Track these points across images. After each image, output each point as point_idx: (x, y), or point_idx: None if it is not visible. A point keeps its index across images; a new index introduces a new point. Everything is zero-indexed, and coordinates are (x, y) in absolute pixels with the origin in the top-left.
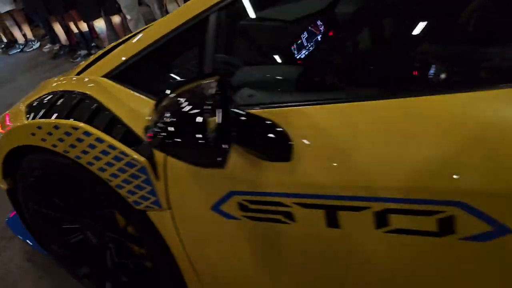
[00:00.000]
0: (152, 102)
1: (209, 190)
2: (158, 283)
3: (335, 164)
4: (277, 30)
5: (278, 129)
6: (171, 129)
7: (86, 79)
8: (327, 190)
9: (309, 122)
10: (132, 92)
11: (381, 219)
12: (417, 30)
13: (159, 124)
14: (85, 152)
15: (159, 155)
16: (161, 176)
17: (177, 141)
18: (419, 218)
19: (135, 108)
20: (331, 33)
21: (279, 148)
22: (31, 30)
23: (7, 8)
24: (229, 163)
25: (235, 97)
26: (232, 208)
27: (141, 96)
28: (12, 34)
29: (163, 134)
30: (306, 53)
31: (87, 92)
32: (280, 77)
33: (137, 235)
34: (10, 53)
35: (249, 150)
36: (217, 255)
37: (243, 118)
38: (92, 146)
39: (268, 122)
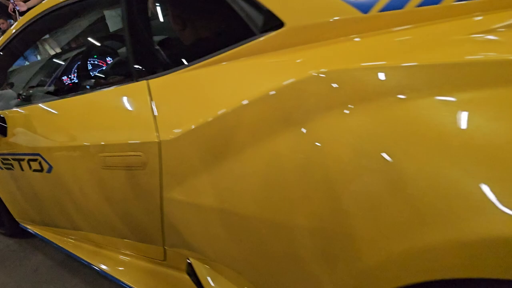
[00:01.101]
0: None
1: None
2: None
3: (21, 138)
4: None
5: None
6: None
7: None
8: (16, 150)
9: (19, 118)
10: None
11: (31, 165)
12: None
13: None
14: None
15: None
16: None
17: None
18: (33, 163)
19: None
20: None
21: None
22: None
23: None
24: None
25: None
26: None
27: None
28: None
29: None
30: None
31: None
32: (32, 92)
33: None
34: None
35: None
36: (9, 189)
37: None
38: None
39: None
